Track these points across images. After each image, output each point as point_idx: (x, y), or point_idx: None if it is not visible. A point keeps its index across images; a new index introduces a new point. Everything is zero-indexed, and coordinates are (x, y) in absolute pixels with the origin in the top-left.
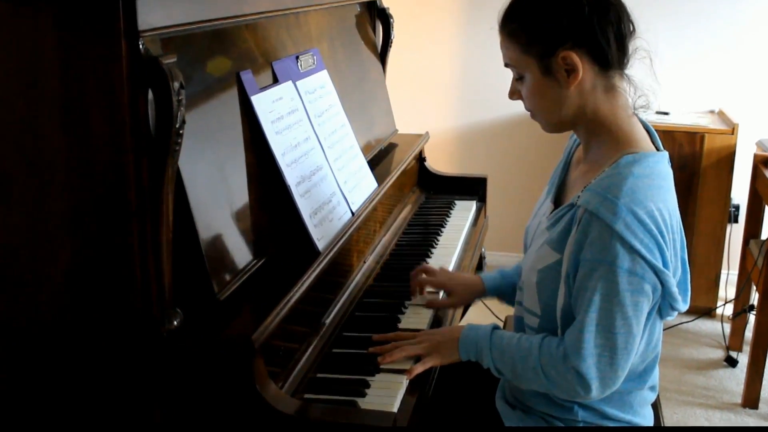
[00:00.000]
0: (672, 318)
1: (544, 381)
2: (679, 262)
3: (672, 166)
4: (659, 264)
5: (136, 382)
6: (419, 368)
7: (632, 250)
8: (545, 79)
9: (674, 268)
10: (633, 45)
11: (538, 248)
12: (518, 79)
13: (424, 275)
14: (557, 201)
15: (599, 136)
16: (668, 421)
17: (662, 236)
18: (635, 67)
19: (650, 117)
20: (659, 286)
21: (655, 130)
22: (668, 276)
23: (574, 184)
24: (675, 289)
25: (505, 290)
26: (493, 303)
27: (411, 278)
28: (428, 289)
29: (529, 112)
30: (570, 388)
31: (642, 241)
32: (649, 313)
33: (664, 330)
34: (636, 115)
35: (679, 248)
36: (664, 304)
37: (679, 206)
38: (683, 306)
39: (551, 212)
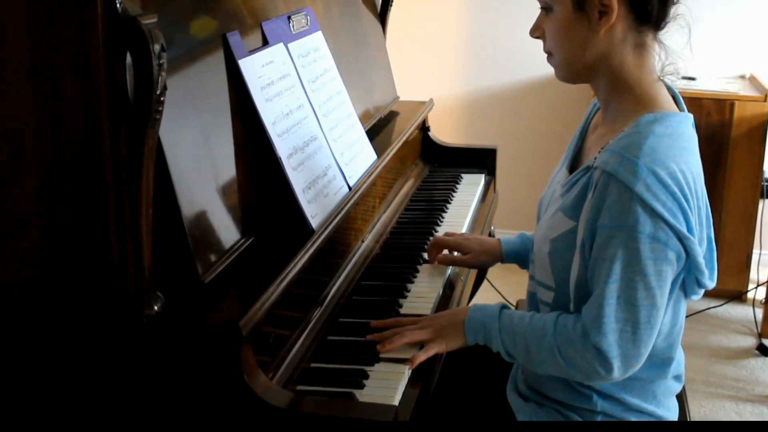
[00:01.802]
0: (698, 297)
1: (560, 363)
2: (704, 234)
3: (698, 137)
4: (683, 229)
5: (113, 372)
6: (422, 356)
7: (654, 214)
8: (576, 14)
9: (699, 239)
10: (674, 10)
11: (551, 216)
12: (545, 9)
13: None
14: (573, 169)
15: (619, 95)
16: (695, 414)
17: (686, 200)
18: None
19: (675, 83)
20: (684, 254)
21: (681, 97)
22: (693, 243)
23: (590, 148)
24: (701, 260)
25: (525, 255)
26: (503, 285)
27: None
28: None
29: (546, 55)
30: (589, 369)
31: (664, 204)
32: (672, 288)
33: (689, 316)
34: (662, 80)
35: (705, 219)
36: (689, 279)
37: (707, 181)
38: (710, 282)
39: (566, 179)
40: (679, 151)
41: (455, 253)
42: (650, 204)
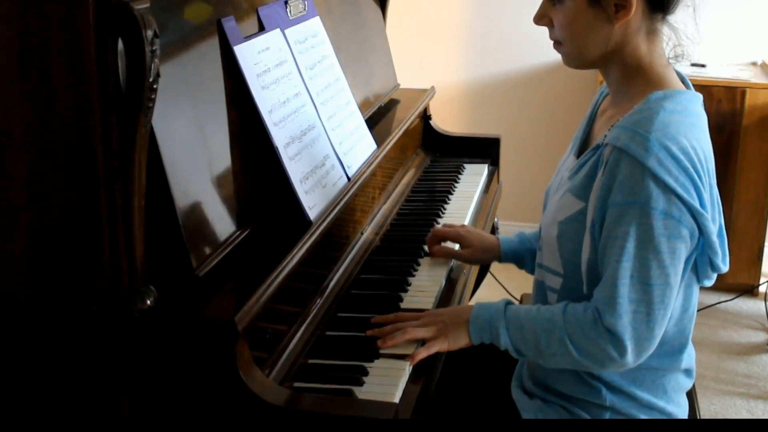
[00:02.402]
0: (710, 282)
1: (573, 353)
2: (716, 215)
3: (708, 126)
4: (696, 204)
5: (104, 368)
6: (423, 353)
7: (667, 189)
8: (591, 10)
9: (712, 217)
10: None
11: (559, 198)
12: (553, 1)
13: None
14: (581, 155)
15: (630, 80)
16: (705, 412)
17: (698, 175)
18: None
19: (683, 69)
20: (697, 231)
21: (689, 81)
22: (707, 219)
23: (598, 133)
24: (715, 238)
25: (523, 254)
26: (507, 279)
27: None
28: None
29: (552, 42)
30: (603, 355)
31: (677, 179)
32: (684, 270)
33: (699, 311)
34: (671, 65)
35: (715, 201)
36: (701, 261)
37: (717, 171)
38: (723, 265)
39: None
40: (690, 128)
41: (456, 246)
42: (663, 179)
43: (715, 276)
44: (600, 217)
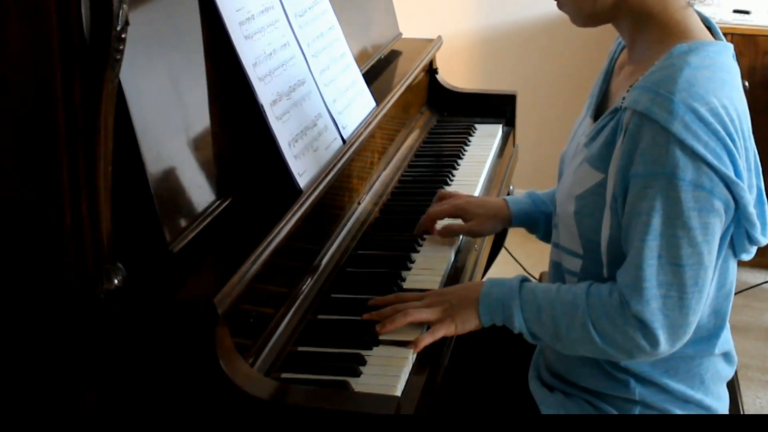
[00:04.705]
0: (749, 256)
1: (596, 340)
2: (753, 182)
3: (753, 81)
4: (730, 173)
5: (66, 356)
6: (428, 338)
7: (695, 157)
8: None
9: (749, 185)
10: None
11: (575, 169)
12: None
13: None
14: (598, 117)
15: (645, 29)
16: (750, 406)
17: (731, 139)
18: None
19: (725, 17)
20: (732, 204)
21: (732, 34)
22: (743, 189)
23: (617, 91)
24: (752, 209)
25: (537, 217)
26: (525, 256)
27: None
28: (442, 222)
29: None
30: (631, 345)
31: (707, 144)
32: (721, 246)
33: (742, 291)
34: (692, 6)
35: (753, 164)
36: (737, 234)
37: (762, 136)
38: (762, 237)
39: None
40: (720, 85)
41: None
42: (690, 145)
43: (754, 249)
44: (621, 190)
